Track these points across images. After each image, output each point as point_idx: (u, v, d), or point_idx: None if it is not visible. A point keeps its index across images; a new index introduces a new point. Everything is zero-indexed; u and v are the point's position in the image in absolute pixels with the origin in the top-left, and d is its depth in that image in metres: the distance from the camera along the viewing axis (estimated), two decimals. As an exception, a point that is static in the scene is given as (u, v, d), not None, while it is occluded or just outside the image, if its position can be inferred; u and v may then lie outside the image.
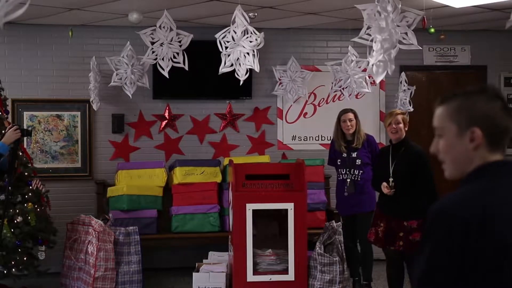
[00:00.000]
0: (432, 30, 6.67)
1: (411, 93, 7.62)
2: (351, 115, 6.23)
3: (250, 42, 5.59)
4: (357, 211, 6.17)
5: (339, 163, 6.28)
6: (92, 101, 7.08)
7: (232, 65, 5.67)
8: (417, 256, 1.78)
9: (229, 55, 5.65)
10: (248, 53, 5.60)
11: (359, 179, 6.17)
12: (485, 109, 1.82)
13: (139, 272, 6.33)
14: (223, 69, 5.73)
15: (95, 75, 7.01)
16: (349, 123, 6.20)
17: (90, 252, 6.09)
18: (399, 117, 5.46)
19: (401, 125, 5.43)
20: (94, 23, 7.24)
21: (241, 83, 5.81)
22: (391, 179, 5.30)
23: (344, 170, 6.23)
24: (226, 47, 5.66)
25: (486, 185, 1.78)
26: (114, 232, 6.26)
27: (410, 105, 7.55)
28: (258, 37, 5.61)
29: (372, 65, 4.69)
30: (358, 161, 6.18)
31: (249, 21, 5.56)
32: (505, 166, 1.83)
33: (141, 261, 6.36)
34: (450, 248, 1.69)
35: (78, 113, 7.45)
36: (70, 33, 6.71)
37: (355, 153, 6.20)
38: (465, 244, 1.68)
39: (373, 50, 4.61)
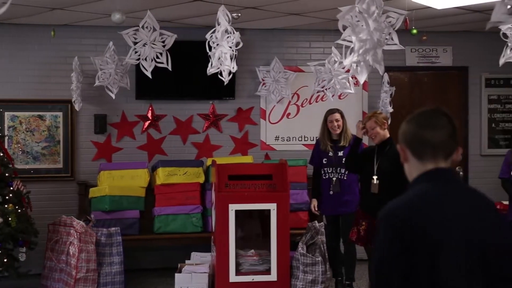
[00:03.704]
0: (415, 31, 6.72)
1: (391, 93, 7.66)
2: (337, 116, 6.25)
3: (228, 42, 5.59)
4: (342, 211, 6.19)
5: (325, 162, 6.28)
6: (74, 101, 7.04)
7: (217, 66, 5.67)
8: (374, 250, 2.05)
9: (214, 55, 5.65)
10: (226, 53, 5.60)
11: (345, 178, 6.20)
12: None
13: (121, 273, 6.30)
14: (210, 70, 5.72)
15: (77, 75, 6.97)
16: (336, 124, 6.22)
17: (71, 253, 6.05)
18: (372, 122, 5.46)
19: (377, 129, 5.44)
20: (77, 23, 7.20)
21: (225, 83, 5.80)
22: (375, 177, 5.32)
23: (330, 169, 6.25)
24: (214, 48, 5.66)
25: (422, 193, 2.09)
26: (96, 233, 6.24)
27: (390, 106, 7.60)
28: (234, 37, 5.60)
29: (356, 65, 4.70)
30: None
31: (229, 21, 5.56)
32: (437, 173, 2.12)
33: (123, 262, 6.34)
34: (392, 236, 2.01)
35: (60, 114, 7.40)
36: (52, 33, 6.66)
37: (342, 152, 6.22)
38: (403, 236, 1.99)
39: (349, 51, 4.62)
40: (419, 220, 2.02)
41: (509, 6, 3.34)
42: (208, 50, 5.68)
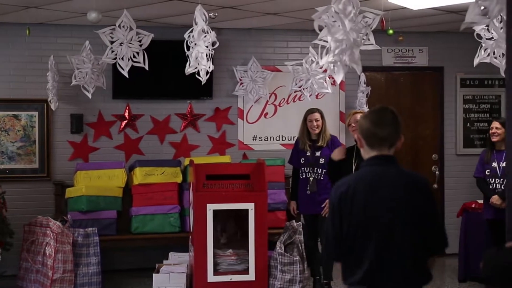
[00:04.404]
0: (391, 31, 6.78)
1: (367, 93, 7.72)
2: (317, 115, 6.31)
3: (205, 41, 5.59)
4: (319, 210, 6.23)
5: (302, 162, 6.33)
6: (50, 100, 6.97)
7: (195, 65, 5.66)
8: None
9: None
10: (203, 53, 5.60)
11: (322, 178, 6.24)
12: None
13: (98, 274, 6.26)
14: (188, 69, 5.71)
15: (53, 75, 6.91)
16: (315, 123, 6.28)
17: (47, 254, 6.00)
18: (358, 116, 5.57)
19: None
20: (52, 21, 7.14)
21: (202, 83, 5.80)
22: None
23: (308, 168, 6.29)
24: (192, 47, 5.65)
25: (360, 172, 2.93)
26: (72, 234, 6.19)
27: (366, 105, 7.66)
28: (210, 36, 5.60)
29: (333, 65, 4.72)
30: (322, 160, 6.25)
31: (205, 21, 5.55)
32: (378, 158, 2.87)
33: (100, 262, 6.30)
34: (334, 205, 2.87)
35: (36, 113, 7.33)
36: (27, 32, 6.60)
37: (319, 152, 6.27)
38: (340, 206, 2.83)
39: (325, 51, 4.65)
40: (352, 191, 2.81)
41: (482, 7, 3.38)
42: (186, 50, 5.68)
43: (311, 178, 6.26)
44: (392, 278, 2.77)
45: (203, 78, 5.71)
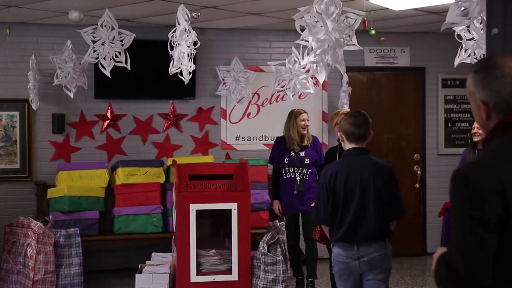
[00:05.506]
0: (373, 32, 6.82)
1: (348, 93, 7.75)
2: (307, 116, 6.43)
3: (186, 41, 5.58)
4: (304, 210, 6.25)
5: (286, 162, 6.33)
6: (31, 100, 6.92)
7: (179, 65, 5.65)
8: None
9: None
10: (185, 52, 5.59)
11: (307, 178, 6.27)
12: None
13: (80, 275, 6.23)
14: (172, 69, 5.70)
15: (34, 74, 6.86)
16: (307, 123, 6.37)
17: (29, 255, 5.95)
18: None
19: None
20: (33, 21, 7.08)
21: (185, 83, 5.79)
22: None
23: (292, 168, 6.30)
24: (175, 47, 5.64)
25: (342, 159, 4.08)
26: (54, 234, 6.15)
27: (347, 106, 7.69)
28: (191, 36, 5.59)
29: (316, 66, 4.73)
30: (307, 160, 6.28)
31: (188, 20, 5.55)
32: (353, 150, 3.98)
33: (83, 263, 6.27)
34: (322, 185, 3.96)
35: (17, 113, 7.28)
36: (8, 31, 6.54)
37: (304, 152, 6.29)
38: (328, 185, 3.92)
39: (307, 51, 4.66)
40: (336, 173, 3.90)
41: (463, 8, 3.42)
42: (170, 50, 5.66)
43: (298, 178, 6.28)
44: (363, 235, 3.87)
45: (186, 78, 5.70)
